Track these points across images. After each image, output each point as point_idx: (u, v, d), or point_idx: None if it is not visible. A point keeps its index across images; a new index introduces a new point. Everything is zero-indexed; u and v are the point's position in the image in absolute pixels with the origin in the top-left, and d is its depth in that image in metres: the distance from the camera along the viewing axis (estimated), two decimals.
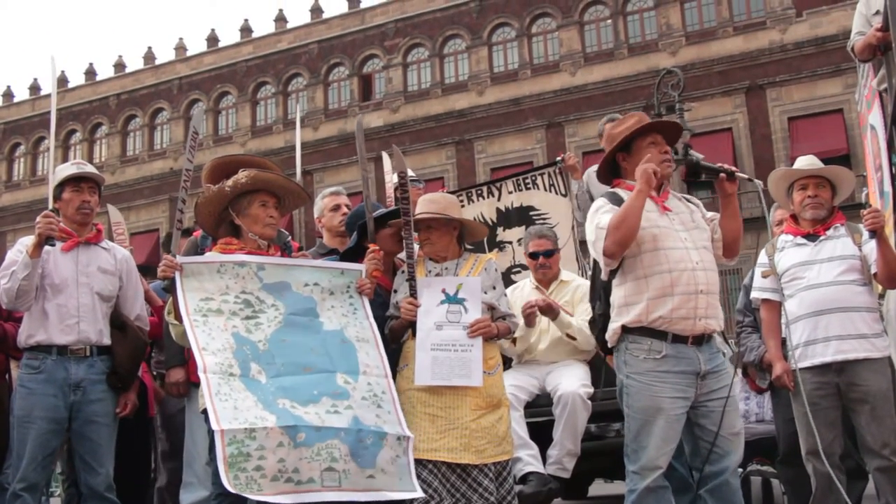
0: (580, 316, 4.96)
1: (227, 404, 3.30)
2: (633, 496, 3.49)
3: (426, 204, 4.03)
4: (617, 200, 3.66)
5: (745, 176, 3.78)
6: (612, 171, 3.86)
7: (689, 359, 3.53)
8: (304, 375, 3.50)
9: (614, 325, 3.65)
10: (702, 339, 3.57)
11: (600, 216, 3.62)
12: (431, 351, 3.79)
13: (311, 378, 3.50)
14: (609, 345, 3.75)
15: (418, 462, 3.69)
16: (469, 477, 3.72)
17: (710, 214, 3.80)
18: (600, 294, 3.86)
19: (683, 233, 3.62)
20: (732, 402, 3.63)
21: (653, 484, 3.46)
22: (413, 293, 3.88)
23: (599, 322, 3.87)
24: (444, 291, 3.88)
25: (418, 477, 3.66)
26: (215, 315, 3.54)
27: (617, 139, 3.74)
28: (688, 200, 3.81)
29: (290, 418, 3.33)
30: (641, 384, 3.53)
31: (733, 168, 3.71)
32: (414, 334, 3.85)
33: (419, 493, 3.53)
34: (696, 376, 3.54)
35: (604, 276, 3.75)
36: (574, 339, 4.89)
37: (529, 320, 4.82)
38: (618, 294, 3.66)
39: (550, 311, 4.83)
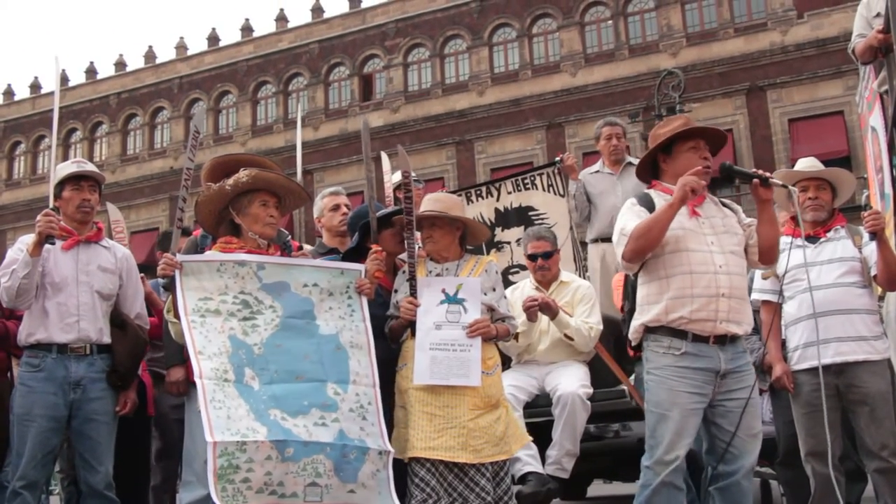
0: (579, 317, 4.96)
1: (221, 413, 3.37)
2: (647, 491, 3.48)
3: (431, 202, 4.05)
4: (648, 202, 3.66)
5: (780, 183, 3.73)
6: (651, 172, 3.84)
7: (710, 357, 3.53)
8: (295, 384, 3.55)
9: (636, 323, 3.68)
10: (724, 340, 3.56)
11: (626, 220, 3.62)
12: (430, 350, 3.80)
13: (302, 387, 3.55)
14: (632, 342, 3.77)
15: (416, 460, 3.71)
16: (466, 476, 3.73)
17: (747, 220, 3.77)
18: (629, 292, 3.87)
19: (711, 236, 3.61)
20: (752, 404, 3.60)
21: (667, 479, 3.44)
22: (413, 293, 3.88)
23: (628, 319, 3.87)
24: (443, 291, 3.89)
25: (416, 475, 3.70)
26: (213, 316, 3.56)
27: (659, 139, 3.73)
28: (724, 205, 3.78)
29: (280, 432, 3.39)
30: (659, 378, 3.55)
31: (767, 174, 3.66)
32: (413, 334, 3.86)
33: None
34: (716, 375, 3.53)
35: (631, 275, 3.77)
36: (571, 339, 4.89)
37: (531, 315, 4.83)
38: (641, 293, 3.69)
39: (549, 309, 4.83)
